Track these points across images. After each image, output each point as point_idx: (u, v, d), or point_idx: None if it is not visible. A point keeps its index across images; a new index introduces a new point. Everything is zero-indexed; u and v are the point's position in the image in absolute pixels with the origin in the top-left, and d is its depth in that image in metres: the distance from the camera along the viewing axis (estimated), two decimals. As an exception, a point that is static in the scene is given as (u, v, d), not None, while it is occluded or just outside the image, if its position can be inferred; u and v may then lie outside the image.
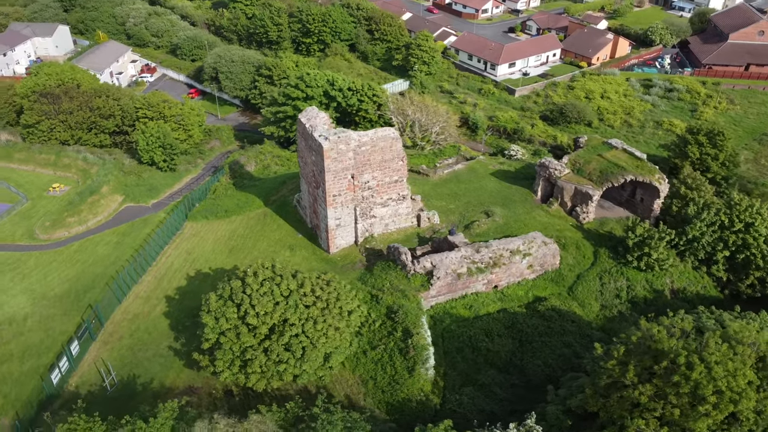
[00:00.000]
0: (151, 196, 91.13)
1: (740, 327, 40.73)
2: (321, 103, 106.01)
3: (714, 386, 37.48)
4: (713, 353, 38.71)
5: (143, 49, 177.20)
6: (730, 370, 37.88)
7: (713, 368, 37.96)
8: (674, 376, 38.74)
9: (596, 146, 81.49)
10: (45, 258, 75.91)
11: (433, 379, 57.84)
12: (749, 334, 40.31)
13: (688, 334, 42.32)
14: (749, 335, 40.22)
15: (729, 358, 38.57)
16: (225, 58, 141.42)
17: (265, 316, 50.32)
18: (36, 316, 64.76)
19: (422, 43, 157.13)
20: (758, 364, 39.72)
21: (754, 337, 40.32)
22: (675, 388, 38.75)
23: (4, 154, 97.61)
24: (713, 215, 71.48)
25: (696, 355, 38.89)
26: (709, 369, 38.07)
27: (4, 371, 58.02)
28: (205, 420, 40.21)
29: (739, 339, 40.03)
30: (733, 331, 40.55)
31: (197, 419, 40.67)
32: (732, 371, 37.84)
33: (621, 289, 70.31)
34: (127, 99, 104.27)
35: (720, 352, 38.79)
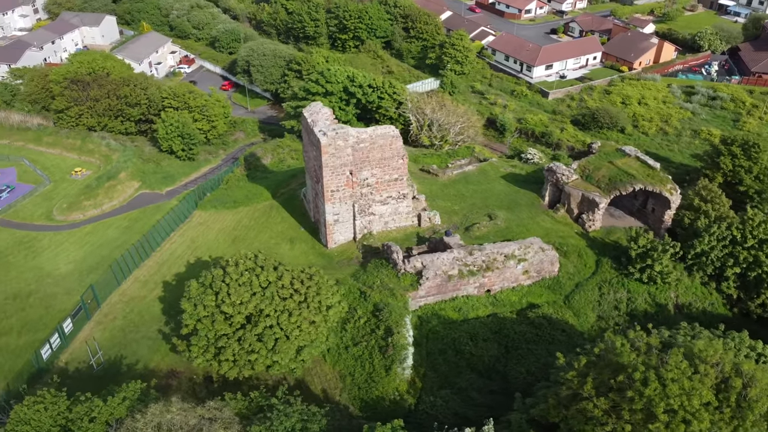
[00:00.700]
0: (166, 184, 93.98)
1: (705, 346, 39.29)
2: (341, 99, 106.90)
3: (666, 404, 36.37)
4: (671, 370, 37.54)
5: (184, 40, 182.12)
6: (685, 389, 36.67)
7: (668, 386, 36.82)
8: (629, 391, 37.76)
9: (608, 153, 79.59)
10: (58, 238, 79.31)
11: (410, 379, 57.87)
12: (714, 353, 38.85)
13: (653, 349, 41.07)
14: (714, 355, 38.77)
15: (687, 376, 37.32)
16: (257, 52, 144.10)
17: (240, 306, 51.39)
18: (39, 293, 67.81)
19: (456, 42, 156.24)
20: (720, 385, 38.25)
21: (719, 357, 38.85)
22: (629, 404, 37.77)
23: (35, 137, 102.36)
24: (724, 230, 68.84)
25: (653, 371, 37.80)
26: (664, 386, 36.95)
27: (2, 343, 61.06)
28: (160, 402, 41.43)
29: (703, 358, 38.67)
30: (698, 350, 39.18)
31: (156, 401, 41.92)
32: (688, 390, 36.62)
33: (621, 301, 68.56)
34: (153, 89, 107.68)
35: (678, 369, 37.58)
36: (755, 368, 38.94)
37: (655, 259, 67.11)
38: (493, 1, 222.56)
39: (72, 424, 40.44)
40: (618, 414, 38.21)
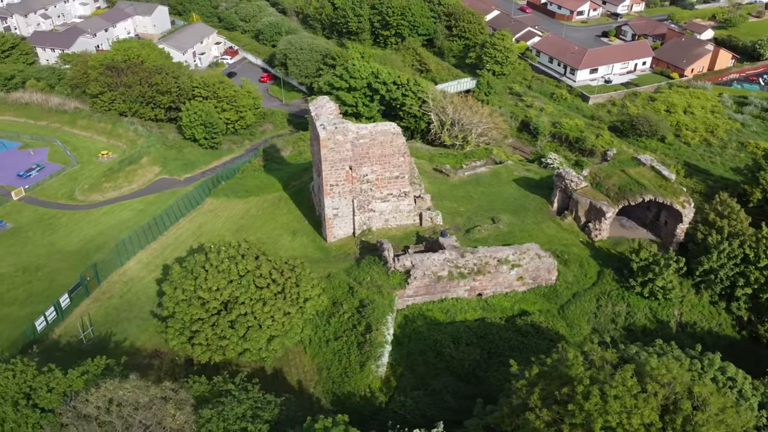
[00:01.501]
0: (186, 171, 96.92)
1: (657, 364, 37.79)
2: (365, 95, 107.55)
3: (604, 420, 35.27)
4: (615, 386, 36.36)
5: (231, 32, 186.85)
6: (627, 407, 35.46)
7: (609, 402, 35.69)
8: (570, 404, 36.83)
9: (623, 161, 77.18)
10: (75, 217, 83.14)
11: (384, 377, 57.97)
12: (666, 372, 37.37)
13: (607, 364, 39.81)
14: (665, 374, 37.29)
15: (632, 394, 36.07)
16: (295, 45, 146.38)
17: (216, 292, 52.72)
18: (47, 267, 71.34)
19: (497, 42, 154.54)
20: (669, 406, 36.79)
21: (671, 377, 37.35)
22: (570, 417, 36.83)
23: (70, 119, 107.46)
24: (736, 247, 65.77)
25: (596, 386, 36.71)
26: (605, 402, 35.84)
27: (5, 312, 64.65)
28: (116, 379, 43.09)
29: (654, 376, 37.27)
30: (650, 368, 37.77)
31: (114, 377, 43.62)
32: (629, 408, 35.40)
33: (619, 315, 66.52)
34: (185, 77, 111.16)
35: (624, 386, 36.36)
36: (711, 392, 37.29)
37: (657, 274, 64.72)
38: (546, 2, 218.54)
39: (33, 392, 42.56)
40: (559, 427, 37.33)
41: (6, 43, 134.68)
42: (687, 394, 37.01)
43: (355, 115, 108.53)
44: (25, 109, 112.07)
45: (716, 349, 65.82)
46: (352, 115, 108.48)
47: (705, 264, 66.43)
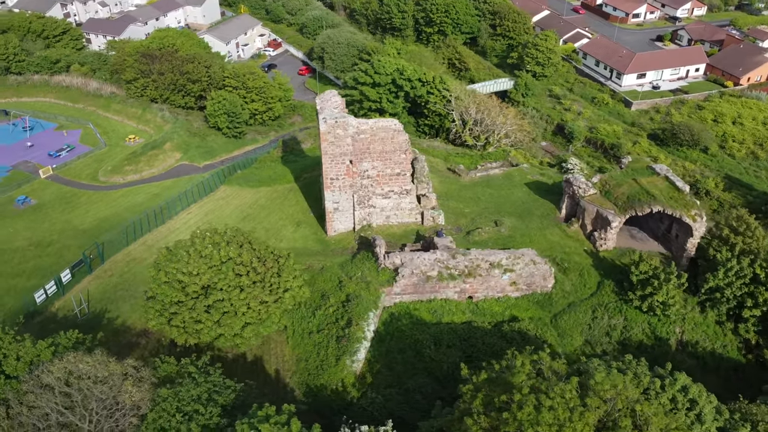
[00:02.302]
0: (206, 158, 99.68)
1: (603, 379, 36.67)
2: (390, 91, 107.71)
3: (535, 431, 34.61)
4: (553, 398, 35.59)
5: (277, 24, 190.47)
6: (559, 419, 34.67)
7: (542, 413, 34.97)
8: (505, 412, 36.29)
9: (636, 169, 74.71)
10: (94, 197, 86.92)
11: (359, 373, 58.25)
12: (610, 388, 36.27)
13: (554, 375, 38.92)
14: (609, 390, 36.20)
15: (569, 407, 35.24)
16: (333, 40, 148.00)
17: (195, 276, 54.15)
18: (58, 244, 74.96)
19: (540, 42, 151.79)
20: (609, 422, 35.71)
21: (615, 393, 36.24)
22: (504, 426, 36.30)
23: (104, 104, 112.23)
24: (746, 266, 62.77)
25: (533, 395, 36.03)
26: (539, 412, 35.14)
27: (12, 284, 68.38)
28: (80, 352, 45.02)
29: (596, 390, 36.26)
30: (594, 382, 36.72)
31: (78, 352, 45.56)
32: (562, 421, 34.61)
33: (614, 328, 64.55)
34: (216, 67, 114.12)
35: (562, 398, 35.54)
36: (656, 412, 36.01)
37: (657, 288, 62.49)
38: (601, 3, 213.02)
39: (4, 360, 45.00)
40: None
41: (57, 28, 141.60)
42: (629, 412, 35.85)
43: (379, 110, 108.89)
44: (65, 92, 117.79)
45: (719, 372, 63.88)
46: (376, 110, 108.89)
47: (711, 281, 63.75)
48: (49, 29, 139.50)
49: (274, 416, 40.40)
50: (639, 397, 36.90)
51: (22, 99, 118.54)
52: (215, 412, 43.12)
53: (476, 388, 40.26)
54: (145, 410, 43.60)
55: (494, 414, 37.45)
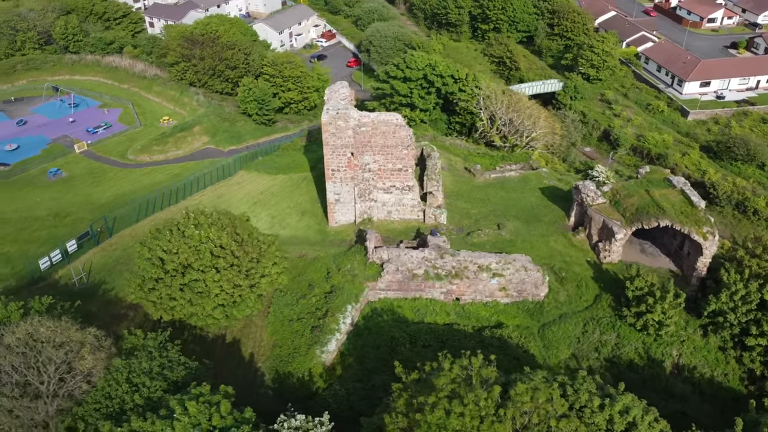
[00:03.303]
0: (232, 143, 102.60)
1: (523, 390, 35.68)
2: (422, 87, 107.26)
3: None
4: (466, 404, 35.02)
5: (335, 16, 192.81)
6: (466, 427, 34.11)
7: (451, 418, 34.49)
8: (418, 414, 36.02)
9: (651, 180, 71.48)
10: (119, 174, 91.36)
11: (328, 364, 58.81)
12: (528, 401, 35.26)
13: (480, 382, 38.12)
14: (527, 402, 35.21)
15: (480, 415, 34.60)
16: (381, 33, 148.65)
17: (174, 255, 56.25)
18: (74, 215, 79.32)
19: (595, 44, 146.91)
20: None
21: (534, 406, 35.21)
22: (417, 428, 36.04)
23: (146, 85, 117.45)
24: (754, 291, 59.08)
25: (446, 400, 35.55)
26: (448, 415, 34.69)
27: (25, 249, 73.09)
28: (45, 317, 47.73)
29: (515, 401, 35.39)
30: (513, 392, 35.82)
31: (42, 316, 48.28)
32: (468, 428, 34.04)
33: (605, 344, 62.23)
34: (255, 55, 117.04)
35: (476, 405, 34.92)
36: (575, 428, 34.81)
37: (651, 306, 59.80)
38: (675, 6, 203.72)
39: (-21, 319, 48.50)
40: (407, 435, 36.64)
41: (118, 11, 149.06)
42: (546, 427, 34.82)
43: (410, 105, 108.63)
44: (114, 72, 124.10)
45: (716, 401, 60.47)
46: (407, 105, 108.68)
47: (713, 304, 60.39)
48: (110, 12, 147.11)
49: (207, 395, 41.53)
50: (560, 413, 35.64)
51: (75, 77, 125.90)
52: (160, 386, 44.72)
53: (405, 388, 40.04)
54: (97, 378, 45.77)
55: (411, 415, 37.19)
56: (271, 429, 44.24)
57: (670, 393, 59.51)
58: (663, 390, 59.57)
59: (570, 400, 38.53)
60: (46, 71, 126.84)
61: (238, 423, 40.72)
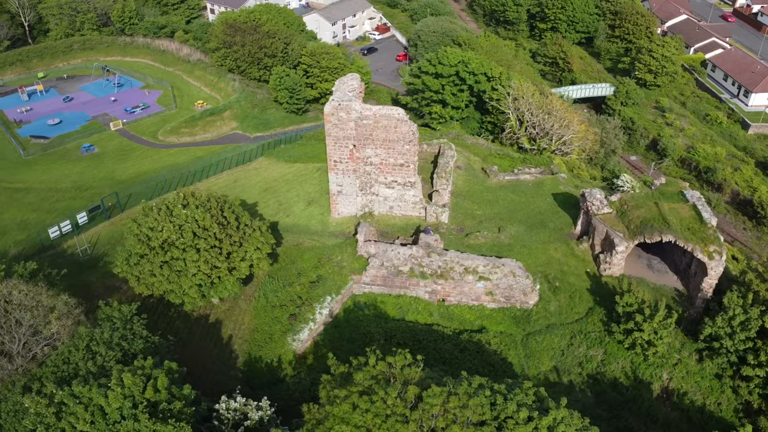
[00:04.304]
0: (259, 130, 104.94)
1: (437, 393, 35.16)
2: (454, 84, 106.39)
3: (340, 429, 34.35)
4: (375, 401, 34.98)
5: (393, 9, 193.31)
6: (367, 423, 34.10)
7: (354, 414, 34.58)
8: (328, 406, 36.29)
9: (665, 193, 68.22)
10: (147, 153, 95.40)
11: (299, 353, 59.64)
12: (438, 405, 34.80)
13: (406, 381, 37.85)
14: (436, 406, 34.75)
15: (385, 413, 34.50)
16: (429, 28, 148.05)
17: (158, 232, 58.46)
18: (94, 189, 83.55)
19: (655, 49, 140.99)
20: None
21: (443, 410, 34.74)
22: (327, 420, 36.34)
23: (189, 69, 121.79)
24: (756, 317, 55.71)
25: (356, 396, 35.61)
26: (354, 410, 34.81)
27: (42, 218, 77.64)
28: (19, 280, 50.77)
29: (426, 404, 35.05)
30: (426, 395, 35.40)
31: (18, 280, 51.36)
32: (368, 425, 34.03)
33: (590, 360, 60.29)
34: (295, 44, 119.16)
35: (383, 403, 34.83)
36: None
37: (638, 323, 57.37)
38: (757, 12, 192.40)
39: (-38, 278, 52.17)
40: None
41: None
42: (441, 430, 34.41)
43: (441, 102, 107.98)
44: (161, 56, 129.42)
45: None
46: (438, 102, 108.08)
47: (709, 328, 57.29)
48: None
49: (148, 369, 43.12)
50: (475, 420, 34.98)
51: (125, 58, 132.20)
52: (114, 356, 46.74)
53: (332, 380, 40.27)
54: (61, 343, 48.37)
55: (327, 407, 37.47)
56: (213, 408, 45.46)
57: (653, 418, 56.97)
58: (645, 414, 57.13)
59: (498, 409, 37.80)
60: (100, 52, 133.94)
61: (173, 398, 42.08)
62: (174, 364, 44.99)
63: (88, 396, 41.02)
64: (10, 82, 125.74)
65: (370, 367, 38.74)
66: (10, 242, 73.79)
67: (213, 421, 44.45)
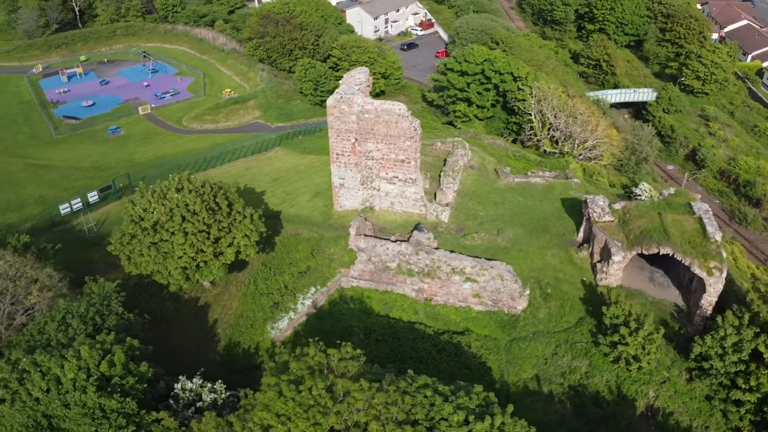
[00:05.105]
0: (281, 120, 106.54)
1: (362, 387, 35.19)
2: (480, 82, 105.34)
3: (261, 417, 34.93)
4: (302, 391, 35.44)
5: (439, 5, 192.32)
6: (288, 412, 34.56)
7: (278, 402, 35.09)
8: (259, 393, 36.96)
9: (671, 203, 65.78)
10: (169, 137, 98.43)
11: (278, 342, 60.48)
12: (362, 399, 34.90)
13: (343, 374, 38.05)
14: (360, 400, 34.86)
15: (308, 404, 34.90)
16: (469, 25, 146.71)
17: (149, 214, 60.48)
18: (111, 170, 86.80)
19: (704, 54, 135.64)
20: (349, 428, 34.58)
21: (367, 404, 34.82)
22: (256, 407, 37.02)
23: (222, 58, 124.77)
24: (748, 339, 53.37)
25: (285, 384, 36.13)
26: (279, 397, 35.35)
27: (59, 195, 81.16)
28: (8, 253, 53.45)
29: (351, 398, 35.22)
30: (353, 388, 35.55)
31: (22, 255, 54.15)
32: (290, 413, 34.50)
33: (574, 371, 59.00)
34: (326, 37, 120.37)
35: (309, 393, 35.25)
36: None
37: (623, 336, 55.73)
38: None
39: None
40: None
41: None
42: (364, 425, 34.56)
43: (466, 100, 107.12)
44: (198, 43, 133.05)
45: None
46: (463, 99, 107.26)
47: (698, 347, 55.16)
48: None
49: (108, 344, 44.81)
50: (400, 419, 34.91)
51: (165, 45, 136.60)
52: (85, 330, 48.68)
53: (276, 368, 40.87)
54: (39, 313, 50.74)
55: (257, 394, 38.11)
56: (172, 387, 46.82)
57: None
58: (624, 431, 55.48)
59: (435, 410, 37.55)
60: (142, 38, 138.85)
61: (128, 374, 43.60)
62: (136, 341, 46.56)
63: (48, 365, 42.92)
64: (54, 64, 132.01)
65: (309, 357, 39.14)
66: (26, 216, 77.61)
67: (169, 400, 45.75)
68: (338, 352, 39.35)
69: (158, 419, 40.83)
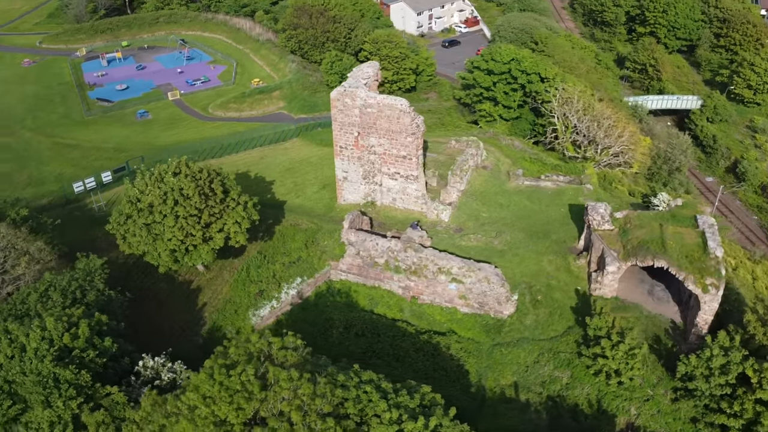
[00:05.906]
0: (304, 111, 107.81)
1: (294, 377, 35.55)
2: (507, 82, 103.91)
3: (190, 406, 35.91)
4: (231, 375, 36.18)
5: (488, 3, 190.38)
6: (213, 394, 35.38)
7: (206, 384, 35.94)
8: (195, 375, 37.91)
9: (676, 215, 63.41)
10: (191, 124, 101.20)
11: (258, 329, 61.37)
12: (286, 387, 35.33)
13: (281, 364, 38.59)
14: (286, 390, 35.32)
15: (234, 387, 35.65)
16: (511, 24, 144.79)
17: (145, 195, 62.59)
18: (130, 152, 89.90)
19: (758, 63, 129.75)
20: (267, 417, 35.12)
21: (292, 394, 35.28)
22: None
23: (256, 48, 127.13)
24: (736, 362, 51.13)
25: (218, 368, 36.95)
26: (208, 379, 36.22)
27: (77, 173, 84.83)
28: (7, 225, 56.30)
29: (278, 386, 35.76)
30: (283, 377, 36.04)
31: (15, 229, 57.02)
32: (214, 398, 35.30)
33: (554, 381, 57.84)
34: (359, 31, 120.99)
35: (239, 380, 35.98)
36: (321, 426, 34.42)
37: (603, 349, 54.24)
38: None
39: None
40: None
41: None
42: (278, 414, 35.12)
43: (492, 99, 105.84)
44: (235, 33, 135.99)
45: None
46: (489, 99, 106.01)
47: (683, 366, 53.13)
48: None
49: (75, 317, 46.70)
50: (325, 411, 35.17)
51: (204, 33, 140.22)
52: (62, 303, 50.86)
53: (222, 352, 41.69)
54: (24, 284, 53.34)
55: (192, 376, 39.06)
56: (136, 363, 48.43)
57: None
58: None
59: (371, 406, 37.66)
60: (183, 26, 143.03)
61: (90, 347, 45.36)
62: (104, 317, 48.35)
63: (16, 333, 45.10)
64: (97, 48, 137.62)
65: (252, 344, 39.79)
66: (44, 192, 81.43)
67: (131, 377, 47.32)
68: (280, 341, 39.85)
69: (109, 393, 42.33)
